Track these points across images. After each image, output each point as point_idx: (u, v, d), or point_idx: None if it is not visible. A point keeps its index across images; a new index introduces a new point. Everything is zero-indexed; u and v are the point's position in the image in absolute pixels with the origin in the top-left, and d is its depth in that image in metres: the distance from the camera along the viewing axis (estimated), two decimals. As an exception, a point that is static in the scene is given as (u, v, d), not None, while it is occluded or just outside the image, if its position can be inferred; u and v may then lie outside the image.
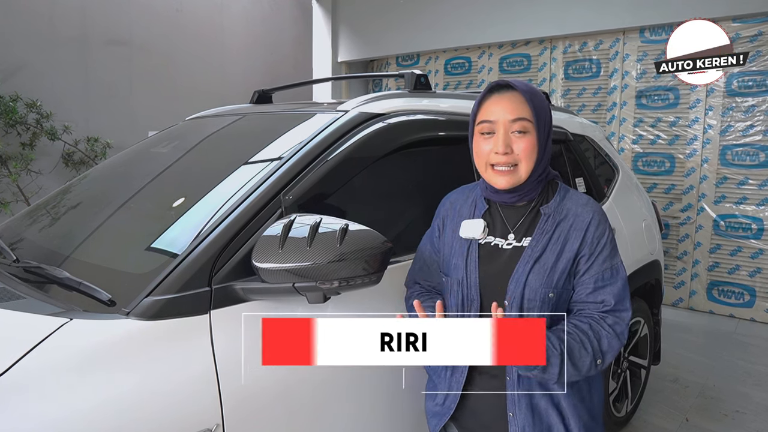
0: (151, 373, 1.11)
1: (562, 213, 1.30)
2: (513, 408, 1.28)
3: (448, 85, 6.47)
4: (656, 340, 3.00)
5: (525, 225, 1.32)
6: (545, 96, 1.36)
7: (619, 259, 1.30)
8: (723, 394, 3.27)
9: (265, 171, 1.49)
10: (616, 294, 1.26)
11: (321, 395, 1.41)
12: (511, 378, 1.28)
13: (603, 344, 1.23)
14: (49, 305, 1.25)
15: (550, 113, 1.32)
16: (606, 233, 1.29)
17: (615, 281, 1.27)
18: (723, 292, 4.75)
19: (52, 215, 1.91)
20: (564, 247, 1.27)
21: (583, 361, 1.21)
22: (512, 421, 1.28)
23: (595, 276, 1.27)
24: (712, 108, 4.64)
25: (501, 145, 1.25)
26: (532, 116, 1.25)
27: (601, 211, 1.32)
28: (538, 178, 1.31)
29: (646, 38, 4.93)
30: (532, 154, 1.26)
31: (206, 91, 6.06)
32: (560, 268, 1.26)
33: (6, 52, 4.63)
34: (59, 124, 4.81)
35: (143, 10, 5.58)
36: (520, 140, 1.26)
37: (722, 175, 4.65)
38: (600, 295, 1.27)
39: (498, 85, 1.29)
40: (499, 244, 1.33)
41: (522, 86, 1.27)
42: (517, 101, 1.26)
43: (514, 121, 1.25)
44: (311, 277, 1.19)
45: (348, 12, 6.93)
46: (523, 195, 1.31)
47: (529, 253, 1.27)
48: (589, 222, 1.28)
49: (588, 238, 1.27)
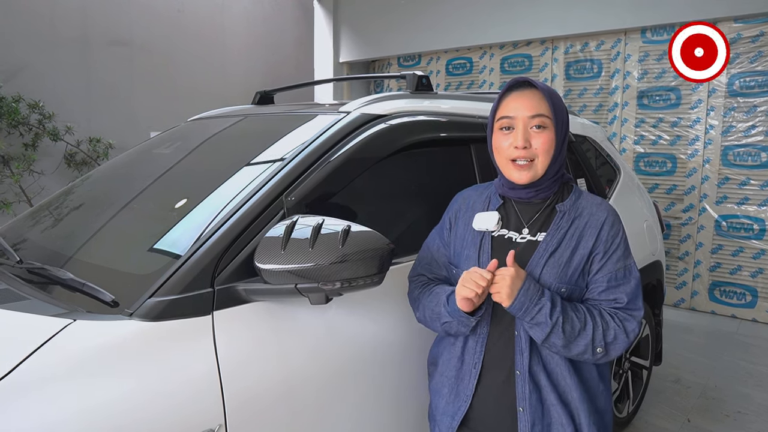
0: (154, 374, 1.12)
1: (577, 211, 1.34)
2: (523, 403, 1.29)
3: (449, 85, 6.47)
4: (658, 340, 3.00)
5: (540, 220, 1.35)
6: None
7: (632, 260, 1.33)
8: (724, 394, 3.26)
9: (267, 172, 1.50)
10: (629, 293, 1.29)
11: (324, 396, 1.41)
12: (521, 372, 1.30)
13: (608, 335, 1.24)
14: (53, 306, 1.25)
15: (568, 114, 1.36)
16: (620, 234, 1.32)
17: (628, 281, 1.30)
18: (725, 292, 4.75)
19: (55, 216, 1.92)
20: (579, 244, 1.30)
21: (578, 339, 1.22)
22: (522, 417, 1.30)
23: (608, 275, 1.29)
24: (714, 108, 4.64)
25: (520, 139, 1.28)
26: (551, 113, 1.29)
27: (615, 212, 1.36)
28: (554, 176, 1.34)
29: (648, 38, 4.93)
30: (550, 150, 1.30)
31: (207, 91, 6.07)
32: (574, 264, 1.29)
33: (8, 53, 4.64)
34: (61, 124, 4.82)
35: (144, 11, 5.59)
36: (539, 135, 1.29)
37: (724, 175, 4.65)
38: (613, 293, 1.30)
39: (518, 82, 1.33)
40: (512, 237, 1.36)
41: (541, 85, 1.32)
42: (537, 98, 1.30)
43: (533, 117, 1.29)
44: (313, 278, 1.19)
45: (349, 12, 6.94)
46: (540, 191, 1.34)
47: (544, 246, 1.31)
48: (604, 221, 1.31)
49: (602, 237, 1.30)
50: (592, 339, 1.22)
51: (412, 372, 1.64)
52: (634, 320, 1.27)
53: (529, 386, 1.29)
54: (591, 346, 1.23)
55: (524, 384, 1.29)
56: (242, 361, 1.25)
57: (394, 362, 1.60)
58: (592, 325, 1.23)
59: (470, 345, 1.38)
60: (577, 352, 1.24)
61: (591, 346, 1.23)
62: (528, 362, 1.29)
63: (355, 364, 1.49)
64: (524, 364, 1.29)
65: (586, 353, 1.23)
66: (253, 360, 1.27)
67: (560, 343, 1.22)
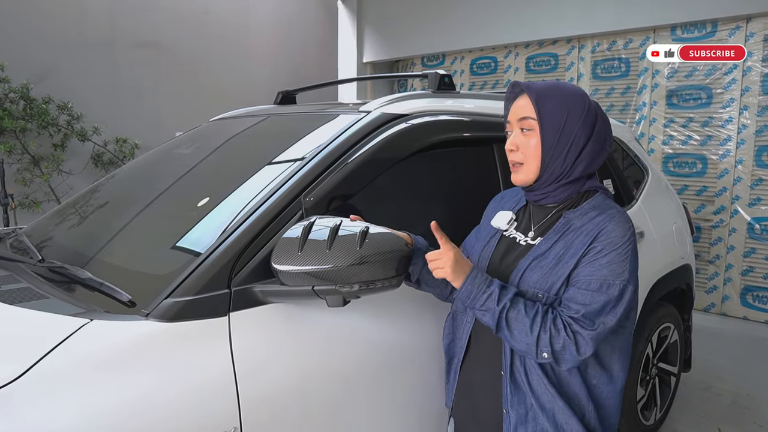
0: (169, 375, 1.11)
1: (583, 220, 1.26)
2: (506, 405, 1.29)
3: (473, 85, 6.41)
4: (687, 346, 2.92)
5: (545, 225, 1.33)
6: (580, 98, 1.28)
7: (623, 282, 1.17)
8: (757, 403, 3.16)
9: (287, 172, 1.48)
10: (589, 306, 1.16)
11: (340, 400, 1.39)
12: (504, 373, 1.29)
13: (556, 343, 1.15)
14: (72, 305, 1.26)
15: (573, 116, 1.25)
16: (618, 247, 1.19)
17: (598, 295, 1.16)
18: (758, 297, 4.60)
19: (77, 215, 1.94)
20: (567, 253, 1.23)
21: (520, 334, 1.16)
22: (506, 419, 1.29)
23: (582, 278, 1.19)
24: (747, 107, 4.50)
25: (509, 142, 1.32)
26: (536, 115, 1.25)
27: (627, 226, 1.23)
28: (558, 181, 1.28)
29: (678, 36, 4.81)
30: (536, 153, 1.27)
31: (232, 92, 6.12)
32: (559, 272, 1.22)
33: (38, 56, 4.74)
34: (89, 125, 4.91)
35: (170, 13, 5.66)
36: (526, 138, 1.28)
37: (757, 176, 4.51)
38: (573, 296, 1.19)
39: (513, 87, 1.33)
40: (517, 238, 1.37)
41: (533, 87, 1.27)
42: (524, 101, 1.29)
43: (520, 120, 1.29)
44: (331, 280, 1.17)
45: (373, 13, 6.93)
46: (545, 195, 1.31)
47: (533, 251, 1.28)
48: (603, 229, 1.21)
49: (595, 244, 1.20)
50: (536, 340, 1.15)
51: (429, 375, 1.61)
52: (587, 339, 1.14)
53: (510, 388, 1.27)
54: (535, 347, 1.15)
55: (507, 385, 1.28)
56: (258, 363, 1.23)
57: (411, 366, 1.57)
58: (540, 325, 1.15)
59: (457, 340, 1.44)
60: (520, 348, 1.19)
61: (535, 347, 1.15)
62: (509, 364, 1.27)
63: (372, 367, 1.47)
64: (507, 365, 1.28)
65: (528, 353, 1.18)
66: (269, 362, 1.26)
67: (506, 333, 1.18)
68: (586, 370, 1.26)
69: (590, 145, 1.26)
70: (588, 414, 1.26)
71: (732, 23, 4.49)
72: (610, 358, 1.28)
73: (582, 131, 1.25)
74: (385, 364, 1.50)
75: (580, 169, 1.27)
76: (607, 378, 1.28)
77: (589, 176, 1.31)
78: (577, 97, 1.27)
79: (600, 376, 1.27)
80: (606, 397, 1.29)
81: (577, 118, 1.25)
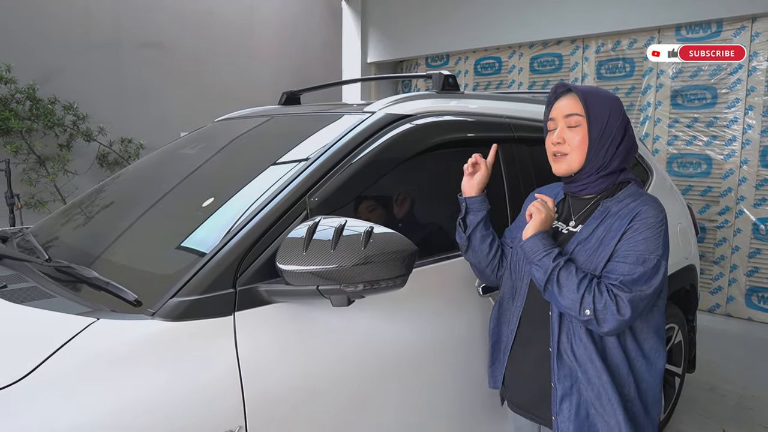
0: (174, 374, 1.12)
1: (619, 206, 1.41)
2: (554, 379, 1.42)
3: (477, 85, 6.41)
4: (691, 347, 2.91)
5: (585, 214, 1.48)
6: (619, 102, 1.46)
7: (658, 257, 1.32)
8: (762, 404, 3.15)
9: (291, 173, 1.49)
10: (627, 275, 1.30)
11: (345, 399, 1.39)
12: (553, 349, 1.42)
13: (599, 302, 1.28)
14: (78, 304, 1.27)
15: (614, 115, 1.42)
16: (653, 225, 1.34)
17: (635, 266, 1.30)
18: (763, 298, 4.58)
19: (83, 215, 1.95)
20: (608, 235, 1.38)
21: (568, 291, 1.31)
22: (554, 391, 1.43)
23: (621, 252, 1.33)
24: (753, 107, 4.48)
25: (556, 135, 1.46)
26: (584, 112, 1.41)
27: (659, 210, 1.38)
28: (598, 172, 1.44)
29: (683, 36, 4.80)
30: (582, 145, 1.42)
31: (237, 92, 6.13)
32: (601, 254, 1.36)
33: (44, 57, 4.76)
34: (94, 125, 4.93)
35: (174, 14, 5.67)
36: (572, 133, 1.43)
37: (762, 177, 4.49)
38: (612, 266, 1.33)
39: (558, 88, 1.49)
40: (560, 227, 1.52)
41: (580, 88, 1.44)
42: (572, 100, 1.44)
43: (567, 117, 1.44)
44: (335, 279, 1.18)
45: (377, 13, 6.93)
46: (585, 186, 1.47)
47: (576, 236, 1.44)
48: (640, 212, 1.36)
49: (633, 223, 1.35)
50: (581, 298, 1.29)
51: (436, 375, 1.61)
52: (626, 301, 1.27)
53: (558, 363, 1.41)
54: (579, 303, 1.29)
55: (554, 361, 1.42)
56: (263, 363, 1.24)
57: (417, 366, 1.57)
58: (586, 286, 1.30)
59: (504, 325, 1.60)
60: (565, 304, 1.32)
61: (579, 304, 1.29)
62: (557, 341, 1.41)
63: (377, 367, 1.47)
64: (554, 342, 1.41)
65: (572, 309, 1.31)
66: (274, 362, 1.26)
67: (555, 289, 1.33)
68: (626, 343, 1.39)
69: (624, 143, 1.44)
70: (628, 386, 1.39)
71: (737, 23, 4.48)
72: (646, 334, 1.42)
73: (619, 131, 1.43)
74: (392, 364, 1.50)
75: (616, 164, 1.43)
76: (643, 354, 1.41)
77: (622, 170, 1.47)
78: (617, 101, 1.46)
79: (636, 350, 1.40)
80: (644, 371, 1.41)
81: (616, 118, 1.43)
